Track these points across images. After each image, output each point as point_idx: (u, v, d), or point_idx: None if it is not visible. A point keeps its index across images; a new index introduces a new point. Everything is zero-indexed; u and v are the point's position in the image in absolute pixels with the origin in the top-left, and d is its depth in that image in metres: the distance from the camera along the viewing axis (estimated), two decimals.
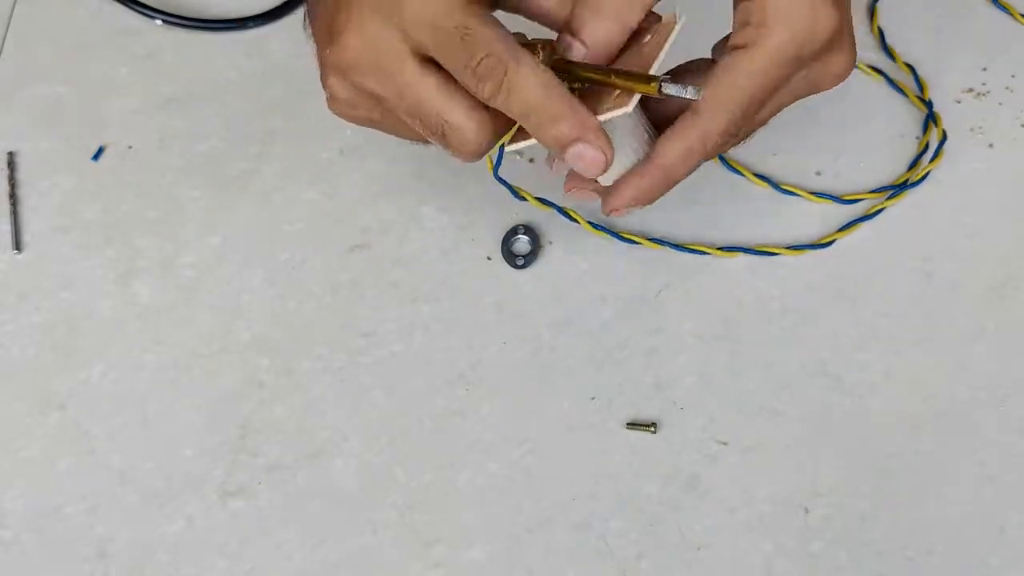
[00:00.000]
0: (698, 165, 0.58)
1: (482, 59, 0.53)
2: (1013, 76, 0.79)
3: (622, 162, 0.58)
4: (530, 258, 0.71)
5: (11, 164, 0.75)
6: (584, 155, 0.54)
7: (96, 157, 0.76)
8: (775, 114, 0.58)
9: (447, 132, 0.55)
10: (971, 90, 0.79)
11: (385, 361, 0.68)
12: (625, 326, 0.68)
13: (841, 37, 0.55)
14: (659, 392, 0.67)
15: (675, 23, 0.55)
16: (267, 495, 0.64)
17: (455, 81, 0.55)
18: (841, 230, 0.72)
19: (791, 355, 0.68)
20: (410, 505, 0.64)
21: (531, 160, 0.75)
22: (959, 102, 0.78)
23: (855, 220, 0.72)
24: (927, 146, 0.75)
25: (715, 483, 0.64)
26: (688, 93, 0.53)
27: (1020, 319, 0.69)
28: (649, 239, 0.70)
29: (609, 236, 0.70)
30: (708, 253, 0.71)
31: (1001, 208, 0.74)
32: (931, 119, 0.76)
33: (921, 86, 0.78)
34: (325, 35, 0.57)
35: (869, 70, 0.78)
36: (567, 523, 0.63)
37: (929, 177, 0.74)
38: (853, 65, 0.57)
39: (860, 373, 0.68)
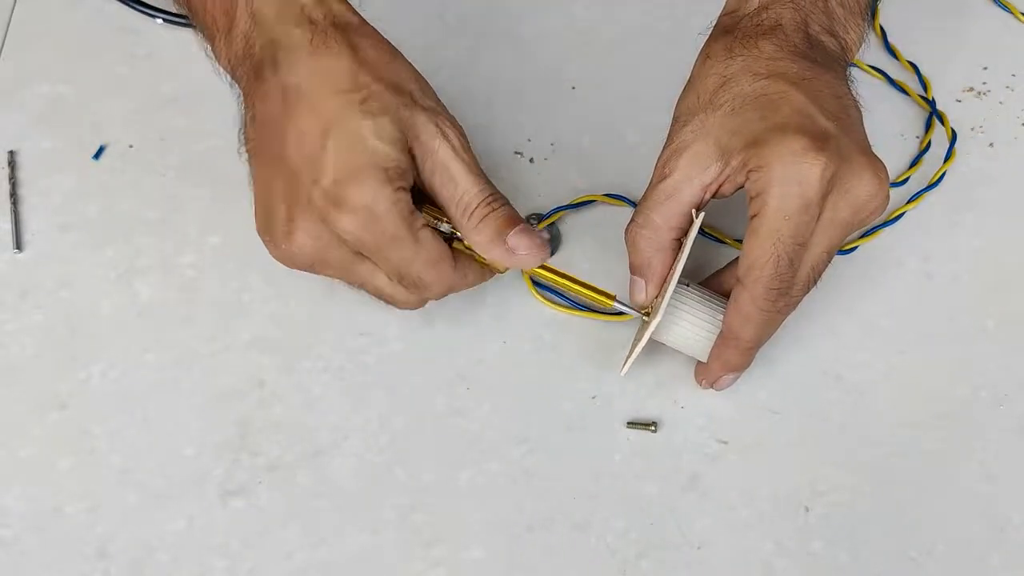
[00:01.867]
0: (767, 326, 0.63)
1: (429, 297, 0.64)
2: (1013, 75, 0.79)
3: (703, 335, 0.64)
4: (552, 244, 0.71)
5: (12, 163, 0.75)
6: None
7: (96, 156, 0.76)
8: (827, 258, 0.62)
9: (387, 300, 0.64)
10: (971, 89, 0.79)
11: (385, 361, 0.68)
12: (626, 325, 0.68)
13: (847, 171, 0.60)
14: (659, 391, 0.67)
15: (695, 219, 0.62)
16: (267, 495, 0.64)
17: None
18: (863, 236, 0.72)
19: (791, 355, 0.68)
20: (410, 505, 0.64)
21: (531, 160, 0.75)
22: (959, 101, 0.78)
23: (877, 227, 0.72)
24: (929, 144, 0.75)
25: (715, 482, 0.64)
26: (632, 314, 0.65)
27: (1020, 319, 0.69)
28: None
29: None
30: (725, 242, 0.72)
31: (1001, 207, 0.74)
32: (936, 117, 0.76)
33: (924, 85, 0.78)
34: (277, 221, 0.61)
35: (870, 70, 0.78)
36: (567, 523, 0.63)
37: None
38: (880, 184, 0.61)
39: (860, 373, 0.68)
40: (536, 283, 0.70)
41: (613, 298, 0.64)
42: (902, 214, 0.73)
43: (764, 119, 0.60)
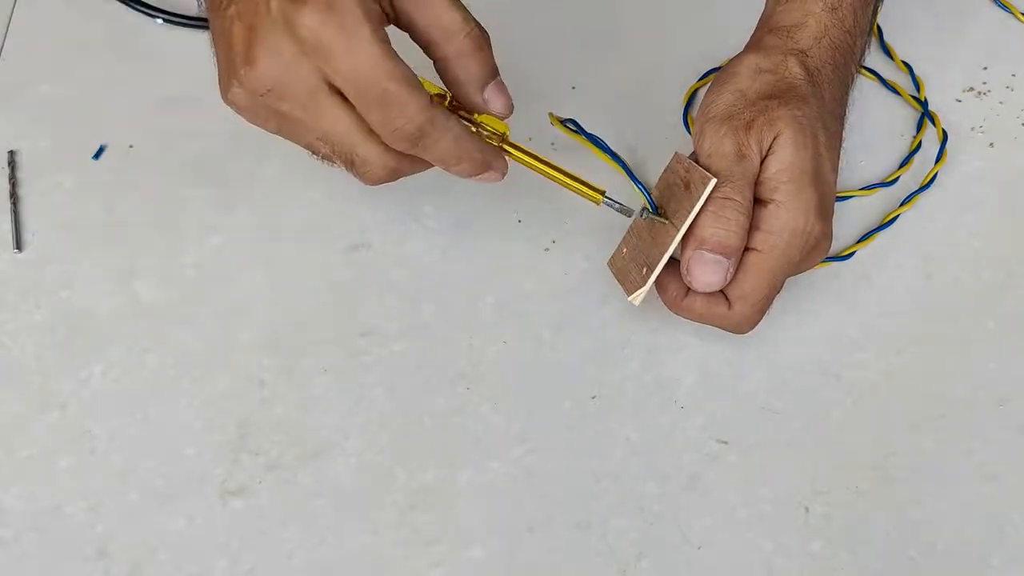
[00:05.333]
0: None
1: (399, 125, 0.57)
2: (1014, 75, 0.79)
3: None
4: None
5: (12, 163, 0.75)
6: (487, 177, 0.62)
7: (97, 156, 0.76)
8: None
9: (355, 161, 0.59)
10: (972, 89, 0.79)
11: (385, 361, 0.68)
12: (626, 325, 0.68)
13: (824, 236, 0.64)
14: (660, 391, 0.67)
15: (709, 183, 0.62)
16: (267, 494, 0.64)
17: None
18: (860, 241, 0.72)
19: (791, 355, 0.68)
20: (410, 505, 0.64)
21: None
22: (960, 101, 0.78)
23: (873, 230, 0.72)
24: (919, 145, 0.75)
25: (715, 483, 0.64)
26: (622, 212, 0.64)
27: (1020, 319, 0.69)
28: None
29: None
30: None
31: (1001, 207, 0.74)
32: (927, 118, 0.76)
33: (917, 85, 0.78)
34: (237, 51, 0.57)
35: (863, 71, 0.78)
36: (567, 523, 0.63)
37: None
38: (828, 251, 0.66)
39: (860, 373, 0.68)
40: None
41: (603, 194, 0.63)
42: (896, 217, 0.73)
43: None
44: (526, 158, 0.62)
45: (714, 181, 0.62)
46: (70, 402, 0.67)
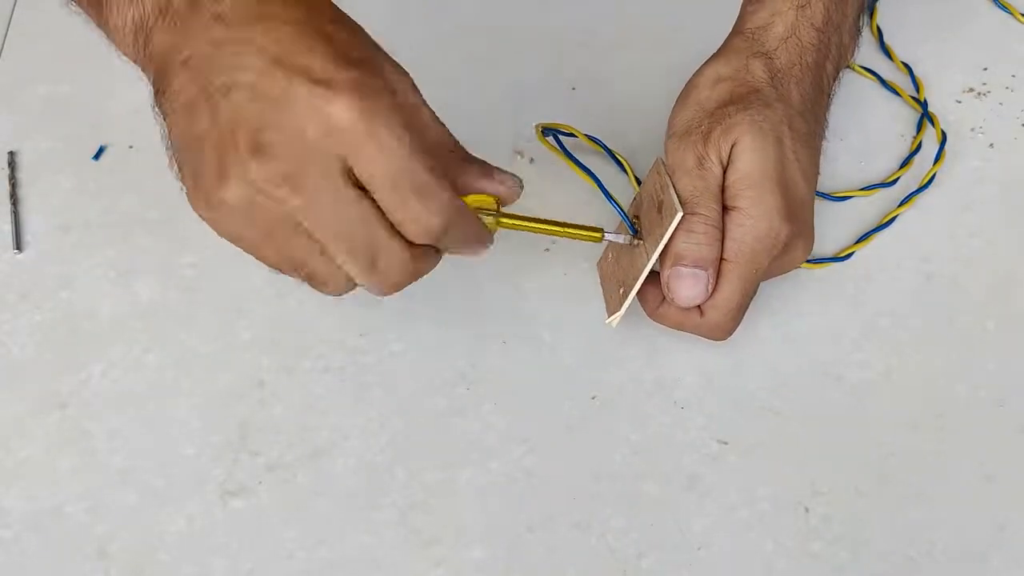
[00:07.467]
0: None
1: (427, 218, 0.53)
2: (1014, 76, 0.79)
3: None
4: None
5: (12, 164, 0.75)
6: (478, 255, 0.59)
7: (97, 157, 0.76)
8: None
9: (377, 264, 0.54)
10: (972, 90, 0.79)
11: (385, 361, 0.68)
12: (626, 325, 0.68)
13: (797, 237, 0.65)
14: (660, 391, 0.67)
15: (676, 216, 0.62)
16: (267, 495, 0.64)
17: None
18: (859, 242, 0.72)
19: (791, 355, 0.68)
20: (410, 505, 0.64)
21: (531, 160, 0.75)
22: (960, 102, 0.78)
23: (873, 230, 0.72)
24: (920, 146, 0.75)
25: (715, 483, 0.64)
26: (623, 240, 0.65)
27: (1020, 319, 0.69)
28: None
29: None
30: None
31: (1001, 207, 0.74)
32: (927, 119, 0.76)
33: (917, 85, 0.78)
34: (239, 136, 0.51)
35: (862, 71, 0.79)
36: (567, 523, 0.63)
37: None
38: (809, 251, 0.67)
39: (860, 373, 0.68)
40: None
41: (602, 231, 0.64)
42: (895, 217, 0.73)
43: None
44: (522, 223, 0.61)
45: (680, 215, 0.62)
46: (70, 402, 0.67)
